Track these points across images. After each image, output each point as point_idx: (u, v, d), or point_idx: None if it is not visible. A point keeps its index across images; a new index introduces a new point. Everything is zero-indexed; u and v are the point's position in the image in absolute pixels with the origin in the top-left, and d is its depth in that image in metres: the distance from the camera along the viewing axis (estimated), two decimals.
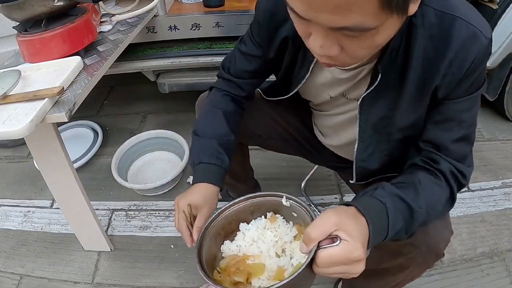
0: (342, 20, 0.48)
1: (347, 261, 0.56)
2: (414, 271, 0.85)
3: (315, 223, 0.59)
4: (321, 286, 1.30)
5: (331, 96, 0.85)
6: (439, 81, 0.67)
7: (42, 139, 1.12)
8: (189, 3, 1.73)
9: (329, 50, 0.55)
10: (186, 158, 1.68)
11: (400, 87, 0.70)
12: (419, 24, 0.64)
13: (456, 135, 0.71)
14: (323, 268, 0.57)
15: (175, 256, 1.43)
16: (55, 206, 1.66)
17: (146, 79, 1.91)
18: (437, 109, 0.71)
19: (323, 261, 0.56)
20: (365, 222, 0.60)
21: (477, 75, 0.66)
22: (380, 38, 0.53)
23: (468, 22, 0.62)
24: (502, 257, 1.35)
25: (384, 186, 0.68)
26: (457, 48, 0.63)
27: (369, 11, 0.47)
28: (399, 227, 0.64)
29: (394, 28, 0.54)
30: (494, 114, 1.99)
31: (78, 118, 2.08)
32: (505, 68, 1.71)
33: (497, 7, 1.60)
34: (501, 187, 1.61)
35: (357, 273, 0.58)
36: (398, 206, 0.65)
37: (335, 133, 0.97)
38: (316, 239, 0.57)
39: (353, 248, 0.56)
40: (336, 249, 0.56)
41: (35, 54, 1.12)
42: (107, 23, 1.37)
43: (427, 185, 0.70)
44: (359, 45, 0.54)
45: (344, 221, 0.57)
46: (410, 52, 0.66)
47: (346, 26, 0.49)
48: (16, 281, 1.39)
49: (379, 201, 0.64)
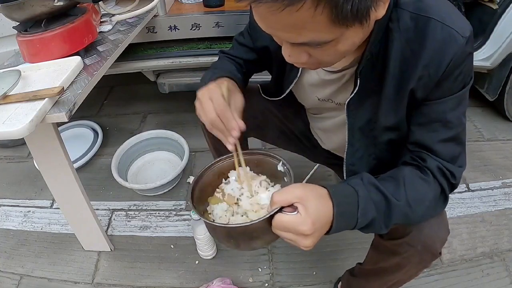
0: (299, 37, 0.53)
1: (294, 231, 0.61)
2: (411, 270, 0.86)
3: (282, 190, 0.63)
4: (321, 286, 1.30)
5: (319, 99, 0.86)
6: (414, 83, 0.67)
7: (42, 139, 1.12)
8: (189, 3, 1.73)
9: (297, 58, 0.61)
10: (186, 158, 1.68)
11: (380, 90, 0.71)
12: (395, 28, 0.65)
13: (442, 136, 0.71)
14: (276, 229, 0.62)
15: (175, 256, 1.43)
16: (55, 206, 1.67)
17: (146, 79, 1.91)
18: (420, 111, 0.71)
19: (275, 223, 0.62)
20: (330, 205, 0.63)
21: (457, 74, 0.65)
22: (343, 47, 0.57)
23: (442, 23, 0.62)
24: (502, 257, 1.35)
25: (363, 176, 0.69)
26: (432, 50, 0.63)
27: (321, 28, 0.51)
28: (371, 217, 0.65)
29: (358, 36, 0.57)
30: (494, 114, 1.99)
31: (78, 118, 2.08)
32: (505, 68, 1.71)
33: (497, 7, 1.61)
34: (501, 187, 1.61)
35: (304, 247, 0.62)
36: (372, 196, 0.66)
37: (327, 136, 1.00)
38: (276, 203, 0.62)
39: (302, 222, 0.60)
40: (288, 217, 0.61)
41: (35, 54, 1.12)
42: (107, 23, 1.37)
43: (412, 179, 0.70)
44: (324, 53, 0.58)
45: (307, 196, 0.61)
46: (387, 56, 0.67)
47: (303, 42, 0.54)
48: (16, 281, 1.39)
49: (352, 188, 0.66)
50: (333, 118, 0.90)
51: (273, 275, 1.35)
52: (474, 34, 1.90)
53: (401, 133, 0.76)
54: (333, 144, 1.00)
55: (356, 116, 0.78)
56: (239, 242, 0.67)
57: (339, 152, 1.00)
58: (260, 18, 0.54)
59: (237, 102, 0.77)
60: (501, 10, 1.60)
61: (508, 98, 1.84)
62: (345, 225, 0.65)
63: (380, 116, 0.75)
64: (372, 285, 1.00)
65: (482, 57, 1.67)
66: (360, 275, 1.07)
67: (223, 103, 0.73)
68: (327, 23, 0.50)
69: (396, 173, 0.72)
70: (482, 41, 1.67)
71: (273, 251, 1.42)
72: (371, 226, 0.66)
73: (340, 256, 1.39)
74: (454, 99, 0.68)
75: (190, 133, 1.85)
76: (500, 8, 1.60)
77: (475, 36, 1.69)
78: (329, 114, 0.91)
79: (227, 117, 0.72)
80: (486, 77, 1.80)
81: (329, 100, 0.85)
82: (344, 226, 0.65)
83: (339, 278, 1.27)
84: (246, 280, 1.34)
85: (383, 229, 0.68)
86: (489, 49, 1.66)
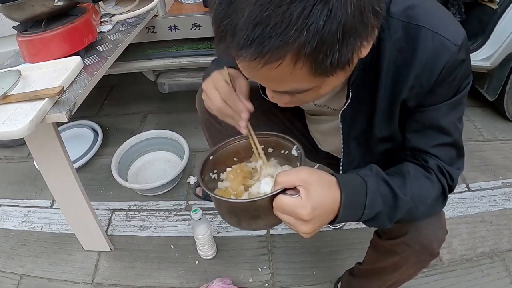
0: (280, 87, 0.55)
1: (293, 214, 0.59)
2: (409, 270, 0.86)
3: (288, 171, 0.61)
4: (321, 286, 1.30)
5: (315, 104, 0.86)
6: (406, 93, 0.66)
7: (42, 139, 1.12)
8: (189, 3, 1.73)
9: (279, 100, 0.62)
10: (186, 158, 1.68)
11: (373, 101, 0.70)
12: (386, 38, 0.63)
13: (438, 142, 0.70)
14: (276, 211, 0.61)
15: (175, 256, 1.43)
16: (55, 206, 1.66)
17: (146, 79, 1.92)
18: (414, 118, 0.70)
19: (276, 204, 0.60)
20: (338, 193, 0.61)
21: (450, 80, 0.63)
22: (325, 90, 0.58)
23: (433, 31, 0.60)
24: (502, 257, 1.35)
25: (372, 167, 0.68)
26: (423, 60, 0.62)
27: (302, 80, 0.51)
28: (377, 209, 0.64)
29: (340, 80, 0.58)
30: (494, 114, 1.99)
31: (78, 118, 2.08)
32: (505, 68, 1.71)
33: (497, 7, 1.61)
34: (501, 187, 1.61)
35: (303, 233, 0.60)
36: (380, 188, 0.65)
37: (324, 139, 1.00)
38: (280, 184, 0.60)
39: (301, 206, 0.58)
40: (288, 199, 0.59)
41: (35, 54, 1.12)
42: (107, 23, 1.37)
43: (417, 176, 0.70)
44: (306, 96, 0.59)
45: (311, 181, 0.59)
46: (380, 66, 0.66)
47: (284, 91, 0.56)
48: (16, 281, 1.39)
49: (361, 179, 0.64)
50: (330, 122, 0.90)
51: (273, 275, 1.35)
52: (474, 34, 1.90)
53: (396, 143, 0.76)
54: (331, 147, 1.00)
55: (351, 126, 0.78)
56: (241, 219, 0.67)
57: (338, 154, 0.99)
58: (242, 69, 0.55)
59: (241, 85, 0.75)
60: (501, 10, 1.59)
61: (508, 98, 1.84)
62: (351, 216, 0.63)
63: (374, 128, 0.74)
64: (371, 285, 1.00)
65: (482, 57, 1.67)
66: (359, 275, 1.07)
67: (228, 88, 0.72)
68: (307, 75, 0.50)
69: (401, 168, 0.71)
70: (482, 41, 1.67)
71: (273, 251, 1.42)
72: (376, 219, 0.65)
73: (340, 256, 1.38)
74: (448, 105, 0.67)
75: (190, 133, 1.85)
76: (500, 8, 1.60)
77: (475, 36, 1.69)
78: (326, 117, 0.91)
79: (234, 101, 0.71)
80: (486, 77, 1.80)
81: (325, 106, 0.84)
82: (350, 217, 0.63)
83: (339, 278, 1.27)
84: (246, 280, 1.34)
85: (386, 224, 0.67)
86: (489, 49, 1.66)
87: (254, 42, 0.46)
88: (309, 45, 0.46)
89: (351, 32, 0.47)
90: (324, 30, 0.45)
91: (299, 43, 0.46)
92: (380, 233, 0.89)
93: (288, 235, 1.47)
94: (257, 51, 0.47)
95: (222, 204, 0.68)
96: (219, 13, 0.49)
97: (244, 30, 0.46)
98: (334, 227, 1.48)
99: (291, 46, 0.46)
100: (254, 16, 0.45)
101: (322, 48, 0.47)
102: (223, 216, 0.72)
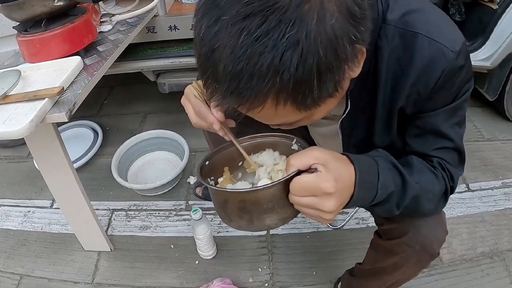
0: (271, 122, 0.57)
1: (317, 190, 0.56)
2: (409, 270, 0.86)
3: (299, 153, 0.59)
4: (321, 286, 1.30)
5: None
6: (403, 101, 0.65)
7: (42, 139, 1.12)
8: (189, 3, 1.73)
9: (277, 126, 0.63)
10: (186, 158, 1.68)
11: (373, 110, 0.70)
12: (384, 46, 0.62)
13: (439, 146, 0.70)
14: (295, 196, 0.57)
15: (175, 256, 1.44)
16: (55, 206, 1.66)
17: (146, 79, 1.91)
18: (414, 123, 0.69)
19: (294, 187, 0.57)
20: (352, 170, 0.60)
21: (449, 86, 0.63)
22: (318, 116, 0.58)
23: (430, 38, 0.59)
24: (502, 257, 1.35)
25: (379, 150, 0.67)
26: (420, 68, 0.61)
27: (288, 115, 0.52)
28: (390, 190, 0.63)
29: (333, 104, 0.58)
30: (494, 114, 1.99)
31: (78, 118, 2.08)
32: (505, 68, 1.71)
33: (497, 7, 1.61)
34: (501, 187, 1.61)
35: (328, 211, 0.56)
36: (390, 169, 0.64)
37: (324, 141, 0.99)
38: (293, 166, 0.57)
39: (324, 179, 0.55)
40: (308, 176, 0.56)
41: (35, 54, 1.12)
42: (107, 23, 1.37)
43: (423, 168, 0.70)
44: (301, 123, 0.59)
45: (326, 157, 0.58)
46: (378, 74, 0.65)
47: (276, 124, 0.57)
48: (16, 281, 1.39)
49: (372, 159, 0.64)
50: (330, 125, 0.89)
51: (273, 275, 1.35)
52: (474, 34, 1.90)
53: (396, 150, 0.75)
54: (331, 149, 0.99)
55: (350, 135, 0.78)
56: (253, 215, 0.61)
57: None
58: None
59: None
60: (501, 10, 1.59)
61: (508, 98, 1.84)
62: (365, 195, 0.62)
63: (374, 136, 0.74)
64: (371, 285, 1.00)
65: (482, 57, 1.67)
66: (359, 275, 1.07)
67: (197, 102, 0.71)
68: (293, 111, 0.51)
69: (406, 159, 0.71)
70: (482, 41, 1.66)
71: (273, 251, 1.42)
72: (387, 202, 0.64)
73: (340, 256, 1.39)
74: (448, 111, 0.66)
75: (190, 133, 1.85)
76: (500, 8, 1.60)
77: (475, 36, 1.69)
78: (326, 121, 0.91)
79: (204, 114, 0.70)
80: (486, 77, 1.79)
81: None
82: (364, 196, 0.62)
83: (339, 278, 1.27)
84: (246, 280, 1.34)
85: (394, 210, 0.66)
86: (489, 49, 1.66)
87: (234, 94, 0.47)
88: (285, 90, 0.46)
89: (327, 69, 0.47)
90: (297, 74, 0.45)
91: (274, 90, 0.46)
92: (380, 233, 0.90)
93: (288, 235, 1.47)
94: (238, 101, 0.48)
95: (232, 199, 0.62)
96: (200, 65, 0.51)
97: (223, 83, 0.48)
98: (334, 227, 1.48)
99: (268, 94, 0.47)
100: (228, 70, 0.46)
101: (300, 89, 0.47)
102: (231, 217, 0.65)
